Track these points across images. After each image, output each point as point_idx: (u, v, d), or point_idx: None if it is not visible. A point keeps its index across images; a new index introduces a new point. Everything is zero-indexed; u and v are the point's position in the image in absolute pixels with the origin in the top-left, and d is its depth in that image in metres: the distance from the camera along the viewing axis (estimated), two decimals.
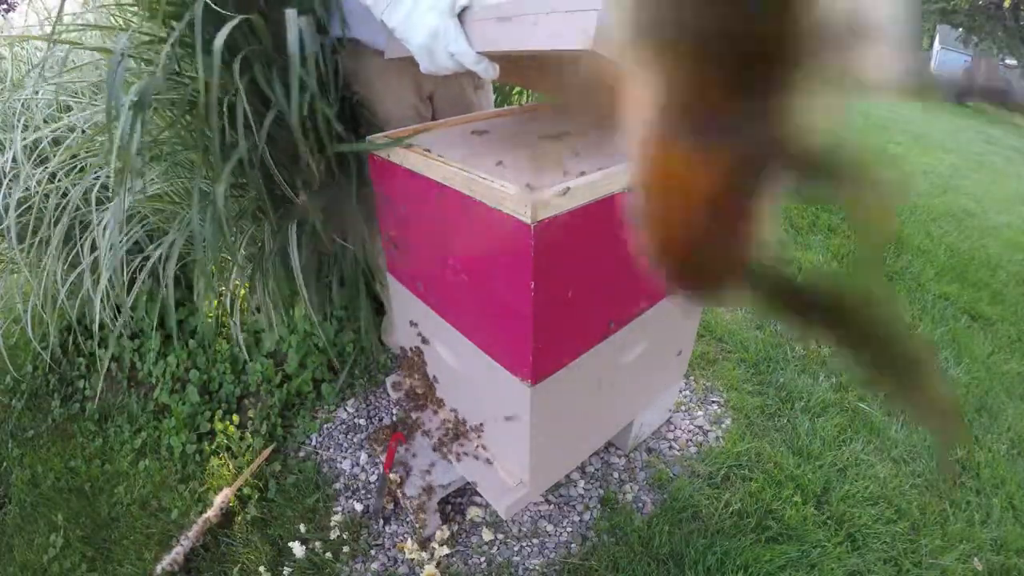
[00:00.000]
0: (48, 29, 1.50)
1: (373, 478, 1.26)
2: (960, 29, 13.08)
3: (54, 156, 1.27)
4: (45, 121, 1.37)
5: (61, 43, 1.13)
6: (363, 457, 1.31)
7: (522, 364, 0.80)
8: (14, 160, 1.28)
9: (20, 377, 1.65)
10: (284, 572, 1.08)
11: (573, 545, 1.12)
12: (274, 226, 1.19)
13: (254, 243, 1.28)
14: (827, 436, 1.39)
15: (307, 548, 1.11)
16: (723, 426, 1.40)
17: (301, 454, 1.33)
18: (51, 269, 1.37)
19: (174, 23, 0.94)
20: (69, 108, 1.41)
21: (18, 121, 1.31)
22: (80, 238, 1.35)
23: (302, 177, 1.07)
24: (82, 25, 1.23)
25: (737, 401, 1.47)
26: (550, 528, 1.15)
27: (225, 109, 0.93)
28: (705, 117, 0.21)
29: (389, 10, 0.78)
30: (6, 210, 1.29)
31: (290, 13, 0.85)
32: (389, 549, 1.12)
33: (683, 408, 1.45)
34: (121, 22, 1.13)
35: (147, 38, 1.03)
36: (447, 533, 1.11)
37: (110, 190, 1.16)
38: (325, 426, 1.39)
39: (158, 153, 1.14)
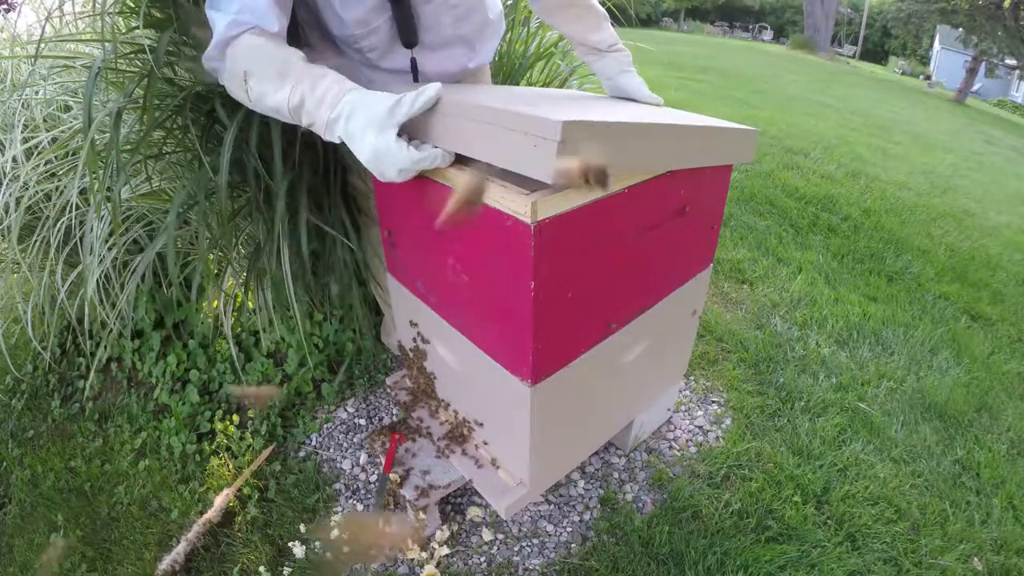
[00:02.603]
0: (47, 29, 1.50)
1: (373, 478, 1.26)
2: (960, 29, 13.07)
3: (56, 157, 1.27)
4: (45, 120, 1.37)
5: (45, 57, 1.14)
6: (363, 457, 1.31)
7: (522, 364, 0.80)
8: (14, 160, 1.28)
9: (20, 377, 1.65)
10: (284, 572, 1.08)
11: (573, 545, 1.12)
12: (268, 224, 1.19)
13: (252, 242, 1.28)
14: (827, 436, 1.39)
15: (307, 548, 1.11)
16: (723, 426, 1.40)
17: (301, 454, 1.33)
18: (51, 269, 1.37)
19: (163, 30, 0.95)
20: (69, 108, 1.41)
21: (18, 121, 1.31)
22: (79, 237, 1.35)
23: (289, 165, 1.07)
24: (70, 37, 1.23)
25: (737, 401, 1.47)
26: (550, 528, 1.15)
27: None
28: None
29: (330, 128, 0.72)
30: (6, 210, 1.29)
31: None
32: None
33: (683, 408, 1.45)
34: (121, 23, 1.13)
35: (138, 45, 1.03)
36: (447, 533, 1.11)
37: (106, 189, 1.16)
38: (325, 426, 1.39)
39: (155, 152, 1.14)
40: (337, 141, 0.73)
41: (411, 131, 0.74)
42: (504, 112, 0.64)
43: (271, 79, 0.74)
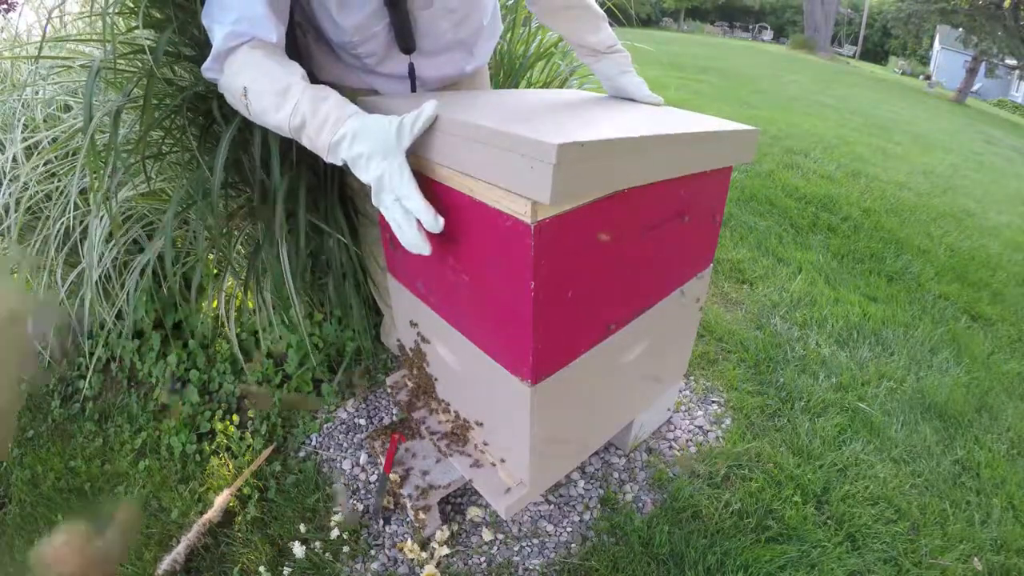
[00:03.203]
0: (47, 30, 1.50)
1: (373, 478, 1.26)
2: (960, 29, 13.07)
3: (56, 157, 1.27)
4: (45, 121, 1.37)
5: (46, 58, 1.14)
6: (363, 457, 1.31)
7: (522, 364, 0.80)
8: (14, 160, 1.28)
9: (21, 377, 1.65)
10: (284, 572, 1.08)
11: (573, 545, 1.12)
12: (267, 223, 1.19)
13: (252, 242, 1.28)
14: (827, 436, 1.39)
15: (307, 548, 1.11)
16: (723, 426, 1.40)
17: (301, 454, 1.33)
18: (51, 269, 1.37)
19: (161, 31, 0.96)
20: (69, 108, 1.41)
21: (18, 121, 1.31)
22: (79, 237, 1.35)
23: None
24: (70, 38, 1.23)
25: (737, 401, 1.47)
26: (550, 528, 1.15)
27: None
28: None
29: (332, 151, 0.72)
30: (7, 210, 1.29)
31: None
32: (389, 549, 1.12)
33: (683, 408, 1.45)
34: (121, 23, 1.13)
35: (137, 46, 1.03)
36: (447, 533, 1.11)
37: (106, 189, 1.17)
38: (325, 426, 1.39)
39: (155, 152, 1.14)
40: (340, 164, 0.73)
41: (413, 150, 0.75)
42: (501, 133, 0.65)
43: (271, 97, 0.74)
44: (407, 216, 0.70)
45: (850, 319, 1.89)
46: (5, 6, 1.85)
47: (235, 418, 1.39)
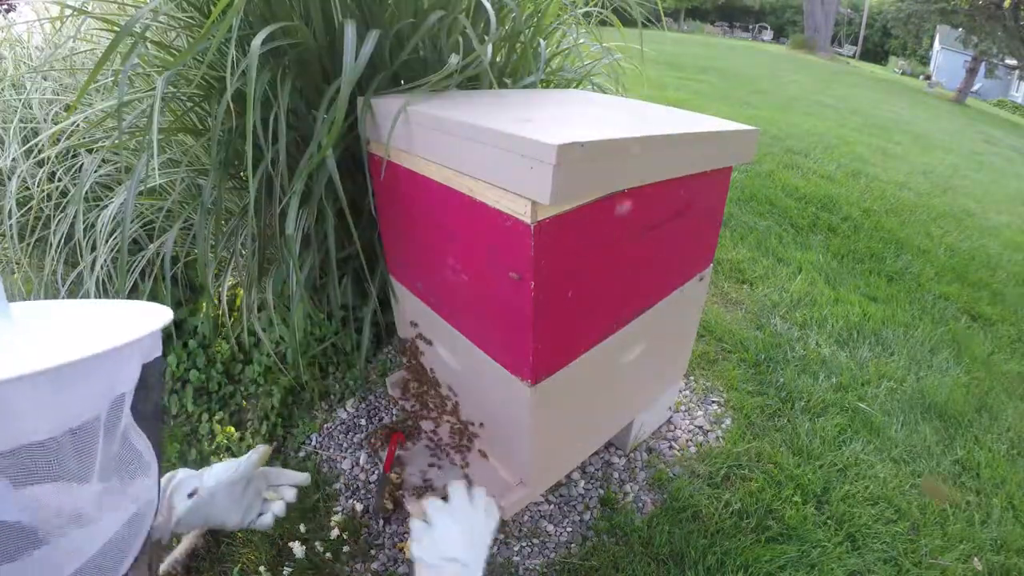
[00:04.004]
0: (48, 28, 1.50)
1: (373, 478, 1.26)
2: (960, 29, 13.08)
3: (56, 157, 1.27)
4: (45, 120, 1.37)
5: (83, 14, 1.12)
6: (363, 457, 1.31)
7: (522, 364, 0.80)
8: (14, 160, 1.28)
9: None
10: (284, 572, 1.08)
11: (573, 545, 1.12)
12: (266, 221, 1.18)
13: (254, 241, 1.28)
14: (827, 436, 1.39)
15: (307, 548, 1.11)
16: (723, 426, 1.40)
17: (301, 454, 1.33)
18: (51, 269, 1.37)
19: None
20: (69, 107, 1.41)
21: (19, 121, 1.31)
22: (80, 237, 1.35)
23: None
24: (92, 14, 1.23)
25: (737, 401, 1.47)
26: (550, 528, 1.15)
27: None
28: None
29: None
30: (10, 213, 1.29)
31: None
32: (389, 549, 1.12)
33: (683, 408, 1.45)
34: None
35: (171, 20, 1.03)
36: None
37: (120, 174, 1.16)
38: (325, 426, 1.39)
39: (162, 144, 1.14)
40: None
41: (411, 144, 0.74)
42: (501, 133, 0.65)
43: None
44: None
45: (850, 319, 1.89)
46: (6, 6, 1.85)
47: (234, 418, 1.39)
